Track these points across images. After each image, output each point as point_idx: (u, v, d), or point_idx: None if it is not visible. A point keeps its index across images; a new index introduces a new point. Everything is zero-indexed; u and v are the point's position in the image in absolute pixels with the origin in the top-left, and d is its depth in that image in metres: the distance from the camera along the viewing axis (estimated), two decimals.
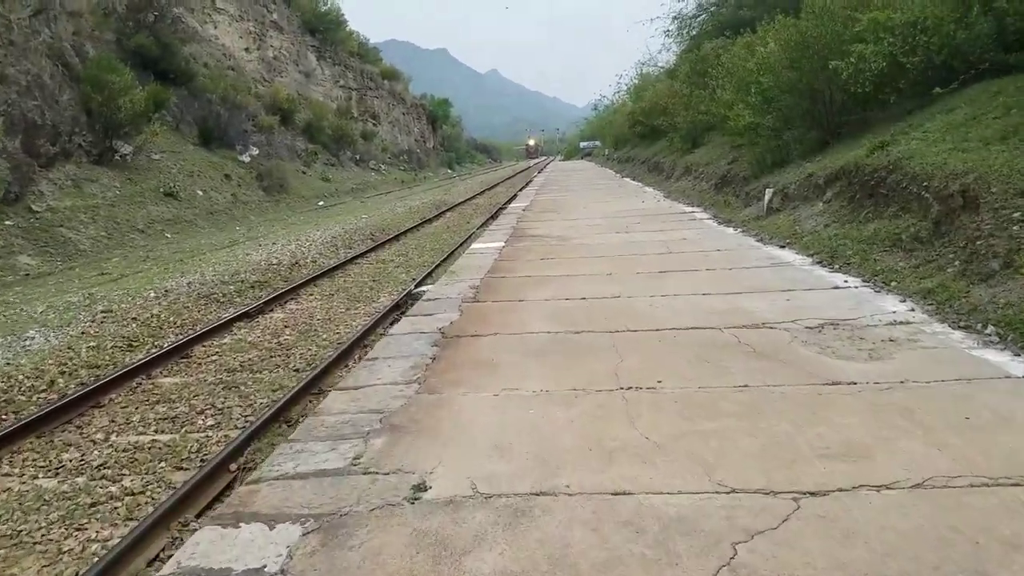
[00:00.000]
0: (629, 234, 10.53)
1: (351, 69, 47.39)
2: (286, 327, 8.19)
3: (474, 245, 10.33)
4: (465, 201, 26.32)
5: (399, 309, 8.61)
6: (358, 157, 39.63)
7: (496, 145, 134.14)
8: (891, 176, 6.97)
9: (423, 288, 9.50)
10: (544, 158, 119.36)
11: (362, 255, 13.73)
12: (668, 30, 27.87)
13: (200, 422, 5.33)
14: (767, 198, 9.97)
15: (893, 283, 5.76)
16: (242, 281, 10.72)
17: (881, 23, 9.12)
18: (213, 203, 20.50)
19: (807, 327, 4.85)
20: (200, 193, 20.40)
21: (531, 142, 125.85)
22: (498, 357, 4.80)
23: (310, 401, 5.49)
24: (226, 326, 8.19)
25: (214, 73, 26.67)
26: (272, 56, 35.82)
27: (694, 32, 26.73)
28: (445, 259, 12.58)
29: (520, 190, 29.87)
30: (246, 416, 5.40)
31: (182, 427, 5.23)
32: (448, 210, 22.67)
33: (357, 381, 4.63)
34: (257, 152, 24.95)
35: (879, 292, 5.64)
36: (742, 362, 4.31)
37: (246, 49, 33.08)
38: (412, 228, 17.71)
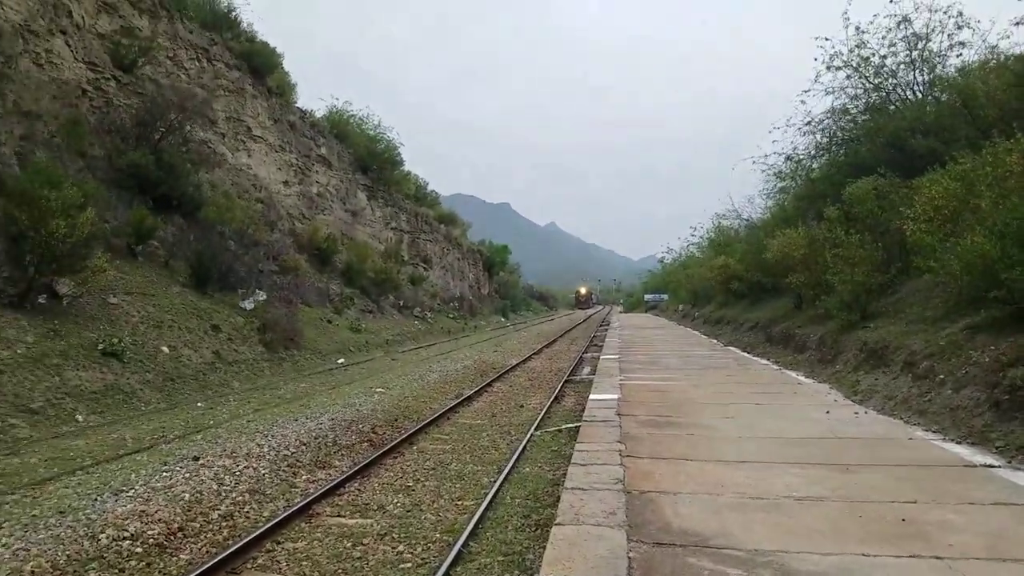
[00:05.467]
0: None
1: (405, 211, 43.46)
2: None
3: None
4: (519, 364, 20.21)
5: None
6: (401, 303, 34.36)
7: (552, 293, 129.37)
8: None
9: None
10: (600, 307, 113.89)
11: (326, 496, 7.37)
12: (780, 171, 22.43)
13: None
14: None
15: None
16: None
17: None
18: (181, 365, 14.67)
19: None
20: (165, 351, 14.66)
21: (582, 290, 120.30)
22: None
23: None
24: None
25: (231, 204, 21.92)
26: (315, 192, 31.71)
27: (813, 174, 21.19)
28: (464, 543, 6.08)
29: (586, 351, 23.62)
30: None
31: None
32: (496, 379, 16.53)
33: None
34: (264, 298, 19.53)
35: None
36: None
37: (284, 182, 28.91)
38: (436, 419, 11.48)
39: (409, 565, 5.67)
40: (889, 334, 11.23)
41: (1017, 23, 13.60)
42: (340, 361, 20.82)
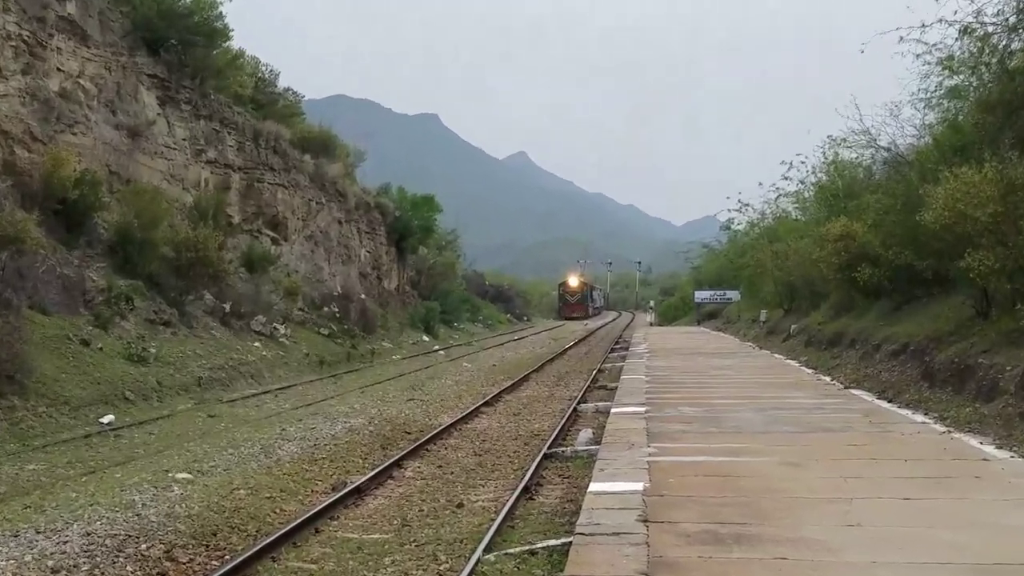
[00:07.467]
0: None
1: (234, 128, 43.13)
2: None
3: None
4: (455, 425, 21.84)
5: None
6: (228, 307, 34.28)
7: (521, 288, 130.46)
8: None
9: None
10: (615, 315, 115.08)
11: None
12: (951, 56, 22.91)
13: None
14: None
15: None
16: None
17: None
18: None
19: None
20: None
21: (573, 281, 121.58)
22: None
23: None
24: None
25: None
26: (57, 90, 31.25)
27: (1013, 62, 21.68)
28: None
29: (583, 398, 23.87)
30: None
31: None
32: (411, 454, 17.47)
33: None
34: None
35: None
36: None
37: None
38: (295, 531, 12.02)
39: None
40: None
41: None
42: (107, 420, 20.73)
